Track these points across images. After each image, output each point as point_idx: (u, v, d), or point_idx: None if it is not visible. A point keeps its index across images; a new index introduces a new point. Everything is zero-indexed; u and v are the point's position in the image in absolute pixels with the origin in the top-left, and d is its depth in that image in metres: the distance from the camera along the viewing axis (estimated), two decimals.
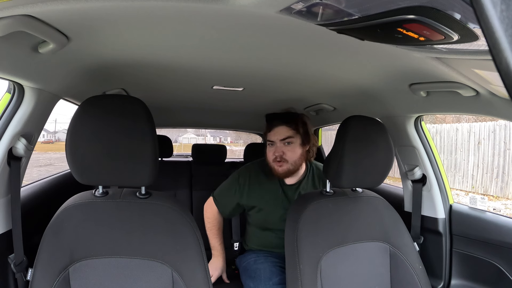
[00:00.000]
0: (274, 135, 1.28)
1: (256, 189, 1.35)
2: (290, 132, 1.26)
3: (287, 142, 1.27)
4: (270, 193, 1.34)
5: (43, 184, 1.35)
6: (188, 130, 19.01)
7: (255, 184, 1.36)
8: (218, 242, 1.43)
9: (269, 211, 1.34)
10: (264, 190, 1.34)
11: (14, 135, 0.81)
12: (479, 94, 0.83)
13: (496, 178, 5.85)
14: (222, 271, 1.43)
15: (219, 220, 1.44)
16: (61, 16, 0.57)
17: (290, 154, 1.27)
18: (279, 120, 1.28)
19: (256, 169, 1.40)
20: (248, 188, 1.36)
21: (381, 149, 1.01)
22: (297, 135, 1.27)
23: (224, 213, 1.42)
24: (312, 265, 0.94)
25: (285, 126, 1.27)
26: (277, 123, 1.28)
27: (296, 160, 1.28)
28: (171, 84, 1.16)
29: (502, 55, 0.18)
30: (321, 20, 0.51)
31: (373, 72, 0.92)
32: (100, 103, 0.79)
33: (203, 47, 0.75)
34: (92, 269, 0.78)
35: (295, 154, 1.28)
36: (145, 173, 0.79)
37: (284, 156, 1.27)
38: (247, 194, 1.36)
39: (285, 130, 1.27)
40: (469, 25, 0.44)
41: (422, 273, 1.03)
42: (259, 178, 1.37)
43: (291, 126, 1.26)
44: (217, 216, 1.43)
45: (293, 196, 1.34)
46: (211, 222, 1.43)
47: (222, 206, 1.41)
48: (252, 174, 1.38)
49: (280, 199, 1.33)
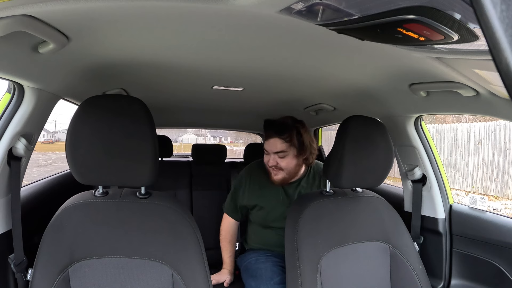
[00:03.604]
0: (268, 146, 1.28)
1: (257, 188, 1.37)
2: (283, 145, 1.25)
3: (281, 156, 1.27)
4: (271, 192, 1.35)
5: (43, 184, 1.35)
6: (188, 130, 19.01)
7: (256, 183, 1.38)
8: (227, 255, 1.43)
9: (270, 209, 1.35)
10: (265, 189, 1.36)
11: (14, 135, 0.81)
12: (479, 94, 0.83)
13: (496, 178, 5.85)
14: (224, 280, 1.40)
15: (232, 233, 1.45)
16: (61, 16, 0.57)
17: (285, 165, 1.27)
18: (273, 131, 1.26)
19: (256, 169, 1.42)
20: (250, 188, 1.38)
21: (381, 149, 1.01)
22: (290, 148, 1.26)
23: (237, 217, 1.45)
24: (312, 265, 0.94)
25: (279, 139, 1.25)
26: (271, 134, 1.26)
27: (291, 169, 1.29)
28: (171, 84, 1.16)
29: (502, 55, 0.18)
30: (321, 20, 0.51)
31: (373, 72, 0.92)
32: (100, 103, 0.79)
33: (203, 47, 0.75)
34: (92, 269, 0.78)
35: (290, 165, 1.28)
36: (145, 173, 0.79)
37: (278, 165, 1.27)
38: (248, 194, 1.38)
39: (278, 143, 1.25)
40: (469, 25, 0.44)
41: (422, 273, 1.03)
42: (260, 178, 1.38)
43: (285, 139, 1.24)
44: (228, 228, 1.45)
45: (293, 194, 1.35)
46: (223, 234, 1.46)
47: (231, 211, 1.44)
48: (253, 174, 1.41)
49: (281, 197, 1.34)
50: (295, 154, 1.27)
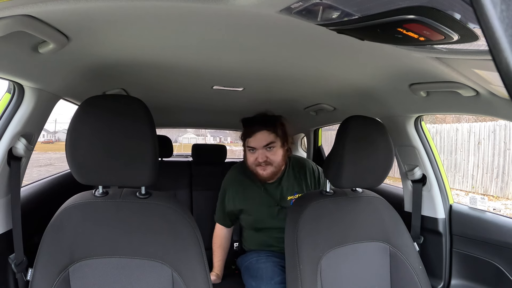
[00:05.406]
0: (255, 141, 1.28)
1: (240, 193, 1.38)
2: (271, 136, 1.27)
3: (270, 147, 1.27)
4: (253, 194, 1.36)
5: (43, 184, 1.35)
6: (188, 130, 19.00)
7: (239, 188, 1.39)
8: (217, 259, 1.45)
9: (255, 211, 1.36)
10: (248, 193, 1.37)
11: (14, 135, 0.81)
12: (479, 94, 0.83)
13: (496, 178, 5.85)
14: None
15: (223, 239, 1.46)
16: (61, 16, 0.57)
17: (273, 158, 1.28)
18: (258, 125, 1.27)
19: (236, 174, 1.43)
20: (233, 194, 1.39)
21: (381, 149, 1.01)
22: (277, 138, 1.28)
23: (226, 224, 1.46)
24: (312, 265, 0.94)
25: (266, 131, 1.26)
26: (258, 128, 1.27)
27: (279, 162, 1.30)
28: (171, 84, 1.16)
29: (502, 55, 0.18)
30: (321, 20, 0.51)
31: (373, 72, 0.92)
32: (100, 103, 0.79)
33: (203, 47, 0.75)
34: (92, 269, 0.78)
35: (278, 157, 1.29)
36: (145, 173, 0.79)
37: (268, 159, 1.28)
38: (233, 198, 1.39)
39: (266, 135, 1.26)
40: (469, 25, 0.44)
41: (422, 273, 1.03)
42: (241, 182, 1.39)
43: (271, 130, 1.26)
44: (220, 234, 1.46)
45: (275, 192, 1.36)
46: (214, 239, 1.47)
47: (221, 219, 1.45)
48: (234, 179, 1.42)
49: (264, 198, 1.35)
50: (280, 144, 1.29)
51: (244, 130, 1.32)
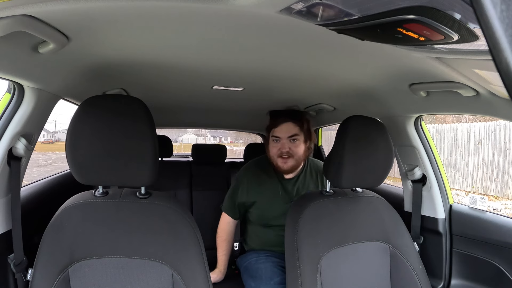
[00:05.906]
0: (281, 131, 1.30)
1: (255, 186, 1.38)
2: (296, 129, 1.29)
3: (293, 139, 1.29)
4: (270, 189, 1.36)
5: (43, 184, 1.35)
6: (188, 130, 19.00)
7: (255, 181, 1.39)
8: (221, 253, 1.44)
9: (269, 206, 1.35)
10: (264, 186, 1.37)
11: (14, 135, 0.81)
12: (479, 94, 0.83)
13: (496, 178, 5.85)
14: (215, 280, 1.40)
15: (228, 232, 1.46)
16: (61, 16, 0.57)
17: (296, 150, 1.30)
18: (285, 117, 1.31)
19: (254, 167, 1.44)
20: (249, 185, 1.39)
21: (381, 149, 1.01)
22: (301, 132, 1.30)
23: (235, 216, 1.45)
24: (312, 265, 0.94)
25: (292, 123, 1.30)
26: (284, 120, 1.30)
27: (301, 156, 1.32)
28: (171, 84, 1.16)
29: (502, 55, 0.18)
30: (321, 20, 0.51)
31: (373, 72, 0.92)
32: (100, 103, 0.79)
33: (203, 47, 0.75)
34: (92, 269, 0.78)
35: (300, 150, 1.31)
36: (145, 173, 0.79)
37: (291, 151, 1.29)
38: (248, 190, 1.39)
39: (291, 127, 1.29)
40: (469, 25, 0.44)
41: (422, 273, 1.03)
42: (258, 175, 1.40)
43: (297, 123, 1.30)
44: (226, 227, 1.46)
45: (292, 190, 1.36)
46: (219, 233, 1.47)
47: (229, 209, 1.44)
48: (251, 172, 1.42)
49: (280, 193, 1.35)
50: (303, 139, 1.31)
51: (271, 121, 1.35)
